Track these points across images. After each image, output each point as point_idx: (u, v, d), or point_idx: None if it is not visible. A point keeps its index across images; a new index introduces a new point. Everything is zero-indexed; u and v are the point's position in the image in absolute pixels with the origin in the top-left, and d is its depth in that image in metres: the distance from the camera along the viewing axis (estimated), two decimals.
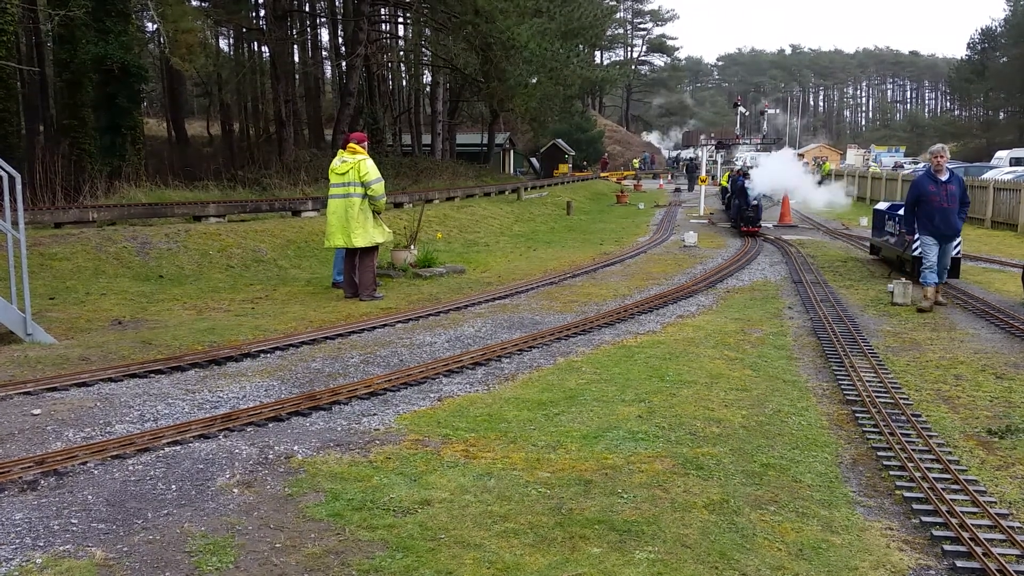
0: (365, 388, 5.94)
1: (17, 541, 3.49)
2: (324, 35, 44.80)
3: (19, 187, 7.33)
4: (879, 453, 4.82)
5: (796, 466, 4.59)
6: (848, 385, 6.26)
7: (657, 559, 3.45)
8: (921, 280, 9.73)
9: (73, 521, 3.70)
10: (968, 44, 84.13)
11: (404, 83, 43.91)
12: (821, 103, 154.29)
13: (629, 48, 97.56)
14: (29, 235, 9.99)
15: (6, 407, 5.39)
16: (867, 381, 6.30)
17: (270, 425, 5.16)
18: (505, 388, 6.13)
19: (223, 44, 45.63)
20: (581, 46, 33.51)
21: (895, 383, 6.33)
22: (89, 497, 3.97)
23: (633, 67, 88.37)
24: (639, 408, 5.58)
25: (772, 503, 4.08)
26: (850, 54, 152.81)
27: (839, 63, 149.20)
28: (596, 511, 3.90)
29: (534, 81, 27.75)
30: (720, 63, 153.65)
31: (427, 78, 39.89)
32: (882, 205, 14.63)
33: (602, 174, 51.65)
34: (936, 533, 3.78)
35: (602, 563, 3.40)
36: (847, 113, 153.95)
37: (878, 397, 5.87)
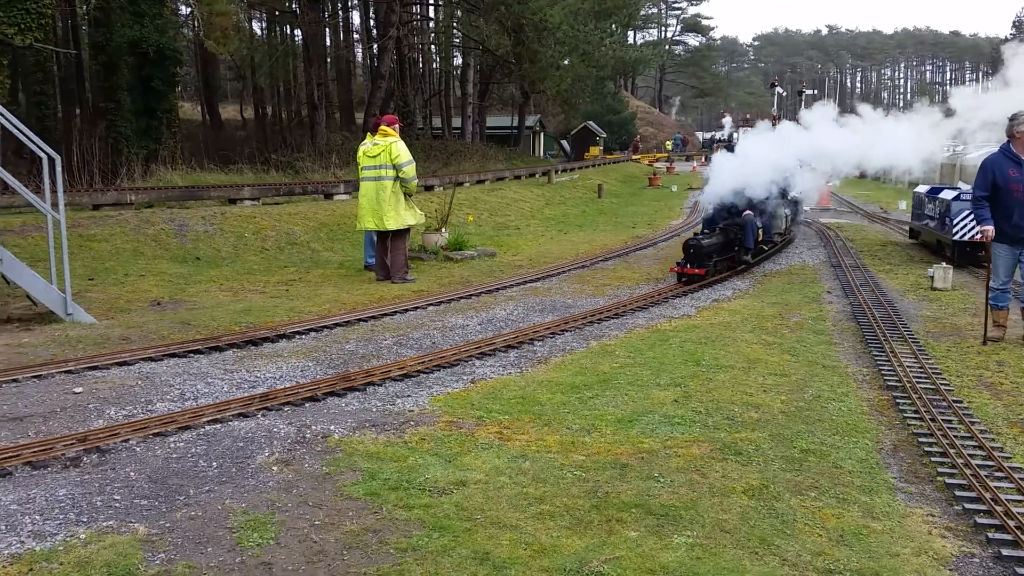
0: (399, 370, 5.96)
1: (61, 517, 3.55)
2: (356, 18, 44.80)
3: (59, 168, 7.44)
4: (920, 439, 4.74)
5: (836, 452, 4.52)
6: (888, 370, 6.16)
7: (696, 543, 3.42)
8: (991, 302, 7.16)
9: (116, 497, 3.76)
10: (1013, 23, 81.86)
11: (435, 65, 43.79)
12: (859, 85, 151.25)
13: (663, 28, 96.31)
14: (68, 217, 10.13)
15: (48, 385, 5.50)
16: (907, 366, 6.19)
17: (306, 405, 5.21)
18: (538, 371, 6.12)
19: (256, 27, 45.84)
20: (614, 26, 33.16)
21: (936, 369, 6.21)
22: (131, 474, 4.03)
23: (667, 47, 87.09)
24: (675, 392, 5.53)
25: (812, 489, 4.03)
26: (888, 35, 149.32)
27: (877, 44, 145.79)
28: (633, 495, 3.88)
29: (566, 62, 27.54)
30: (756, 43, 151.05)
31: (458, 60, 39.75)
32: (922, 188, 14.32)
33: (632, 156, 51.04)
34: (980, 520, 3.71)
35: (640, 547, 3.38)
36: (885, 95, 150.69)
37: (919, 383, 5.76)
